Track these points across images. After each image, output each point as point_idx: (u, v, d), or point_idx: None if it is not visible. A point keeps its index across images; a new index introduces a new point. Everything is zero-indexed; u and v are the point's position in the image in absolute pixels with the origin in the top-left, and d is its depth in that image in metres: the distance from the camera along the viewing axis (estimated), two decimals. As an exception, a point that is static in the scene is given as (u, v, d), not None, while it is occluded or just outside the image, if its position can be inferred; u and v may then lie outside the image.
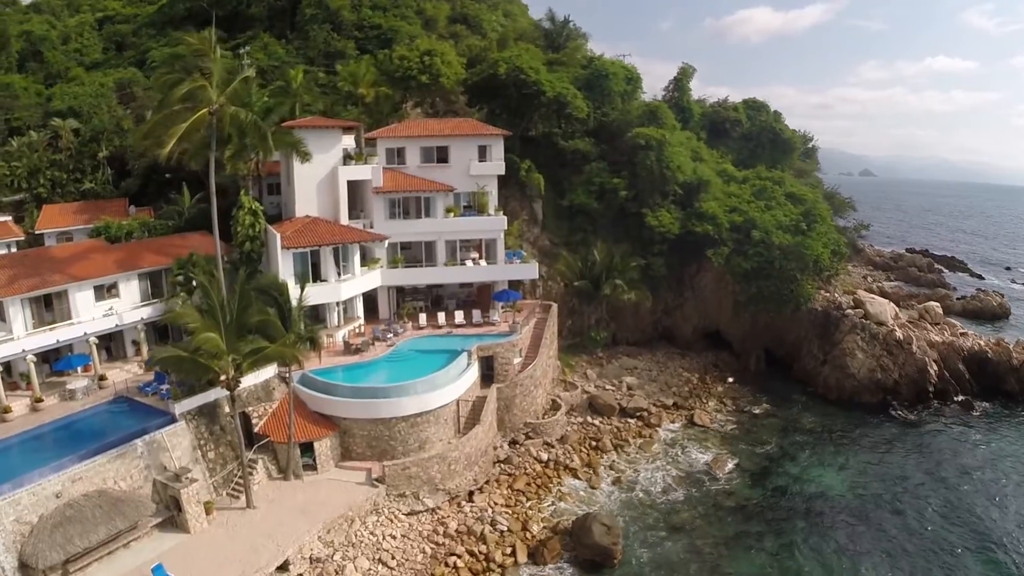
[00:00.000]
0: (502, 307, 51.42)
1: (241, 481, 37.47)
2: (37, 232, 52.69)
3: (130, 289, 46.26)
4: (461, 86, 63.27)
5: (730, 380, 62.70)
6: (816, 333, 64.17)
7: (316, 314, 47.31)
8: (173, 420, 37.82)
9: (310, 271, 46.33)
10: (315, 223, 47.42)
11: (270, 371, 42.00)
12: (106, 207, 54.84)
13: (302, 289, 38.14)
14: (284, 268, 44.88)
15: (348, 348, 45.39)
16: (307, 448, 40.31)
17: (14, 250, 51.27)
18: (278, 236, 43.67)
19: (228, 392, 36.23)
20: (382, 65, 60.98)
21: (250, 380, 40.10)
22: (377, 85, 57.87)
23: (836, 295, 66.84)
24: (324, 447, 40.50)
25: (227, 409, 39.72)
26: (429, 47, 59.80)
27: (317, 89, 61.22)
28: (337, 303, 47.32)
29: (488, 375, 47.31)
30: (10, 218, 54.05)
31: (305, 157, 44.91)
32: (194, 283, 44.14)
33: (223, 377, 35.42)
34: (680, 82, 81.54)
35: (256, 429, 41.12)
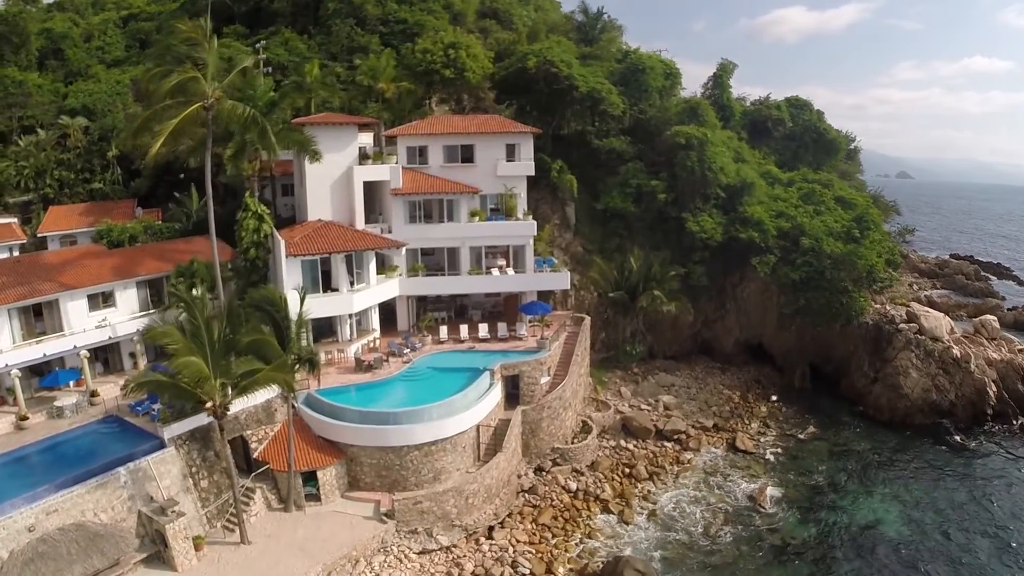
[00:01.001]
0: (530, 320, 45.75)
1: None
2: (40, 235, 48.47)
3: (127, 298, 41.87)
4: (488, 81, 57.83)
5: (773, 399, 56.61)
6: (867, 349, 57.94)
7: (328, 327, 42.23)
8: (162, 445, 33.37)
9: (320, 280, 41.24)
10: (327, 228, 42.36)
11: (271, 391, 36.89)
12: (113, 208, 50.63)
13: (301, 302, 32.87)
14: (291, 277, 39.94)
15: (359, 365, 40.15)
16: (311, 476, 35.41)
17: (16, 253, 47.38)
18: (283, 243, 38.54)
19: (215, 418, 31.18)
20: (404, 59, 55.73)
21: (248, 401, 35.21)
22: (398, 80, 52.60)
23: (888, 308, 60.01)
24: (329, 476, 35.66)
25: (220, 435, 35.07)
26: (454, 39, 54.34)
27: (338, 84, 56.05)
28: (349, 315, 42.02)
29: (513, 394, 41.84)
30: (15, 220, 50.12)
31: (315, 156, 39.99)
32: (194, 292, 39.29)
33: (209, 404, 30.45)
34: (720, 79, 75.18)
35: (255, 455, 36.49)
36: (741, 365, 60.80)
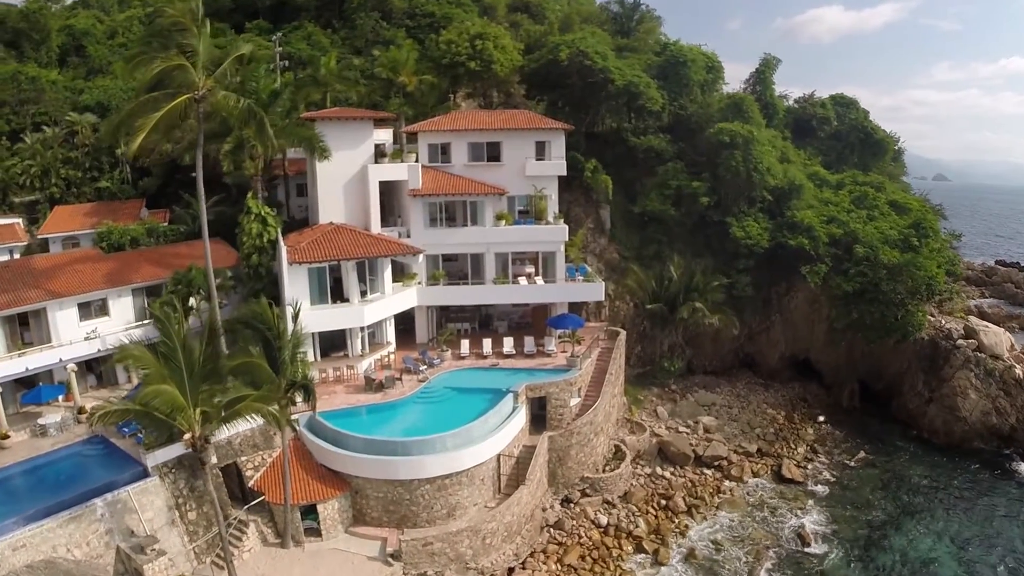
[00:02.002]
0: (559, 335, 40.29)
1: (231, 545, 28.29)
2: (41, 237, 44.38)
3: (122, 307, 37.62)
4: (517, 75, 52.51)
5: (821, 419, 50.65)
6: (921, 366, 51.74)
7: (338, 339, 37.33)
8: (145, 474, 28.98)
9: (329, 290, 36.29)
10: (337, 232, 37.46)
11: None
12: (120, 209, 46.46)
13: (294, 319, 27.81)
14: (296, 287, 35.18)
15: (369, 384, 35.14)
16: (311, 509, 30.63)
17: (17, 256, 43.37)
18: (284, 249, 33.62)
19: (194, 451, 26.35)
20: (428, 51, 50.61)
21: (243, 425, 30.40)
22: (421, 73, 47.40)
23: (944, 321, 53.32)
24: (331, 510, 30.99)
25: (213, 460, 30.43)
26: (481, 30, 49.02)
27: (361, 80, 50.93)
28: (361, 328, 36.99)
29: (539, 416, 36.58)
30: (19, 220, 46.18)
31: (323, 153, 35.08)
32: (191, 302, 34.71)
33: (187, 436, 25.64)
34: (762, 75, 68.66)
35: (250, 483, 31.82)
36: (786, 381, 54.82)
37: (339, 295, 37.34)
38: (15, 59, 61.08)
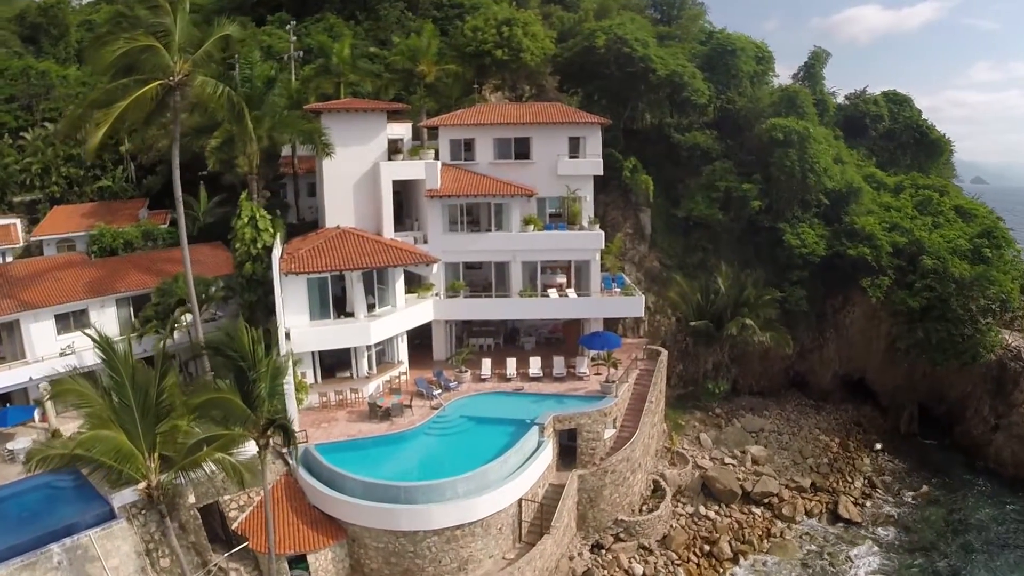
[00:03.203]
0: (593, 356, 34.18)
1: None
2: (35, 239, 39.68)
3: (106, 318, 32.67)
4: (549, 65, 46.33)
5: (878, 447, 44.05)
6: (988, 389, 44.72)
7: (344, 358, 31.78)
8: (111, 515, 24.08)
9: (331, 303, 30.70)
10: (342, 238, 31.93)
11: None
12: (120, 209, 41.63)
13: (268, 347, 22.13)
14: (293, 299, 29.92)
15: (373, 411, 29.47)
16: (301, 558, 25.31)
17: (9, 259, 38.76)
18: (276, 258, 28.05)
19: (152, 502, 21.08)
20: (452, 39, 44.77)
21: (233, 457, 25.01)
22: (444, 63, 41.46)
23: (1013, 340, 46.06)
24: (323, 560, 25.63)
25: (191, 500, 25.38)
26: (509, 15, 42.95)
27: (385, 72, 45.19)
28: (367, 347, 31.33)
29: (569, 447, 30.58)
30: (16, 221, 41.57)
31: (325, 149, 29.53)
32: (180, 317, 29.46)
33: (143, 485, 20.32)
34: (812, 69, 61.52)
35: (234, 526, 26.47)
36: (838, 403, 48.10)
37: (344, 308, 31.81)
38: (33, 55, 57.11)
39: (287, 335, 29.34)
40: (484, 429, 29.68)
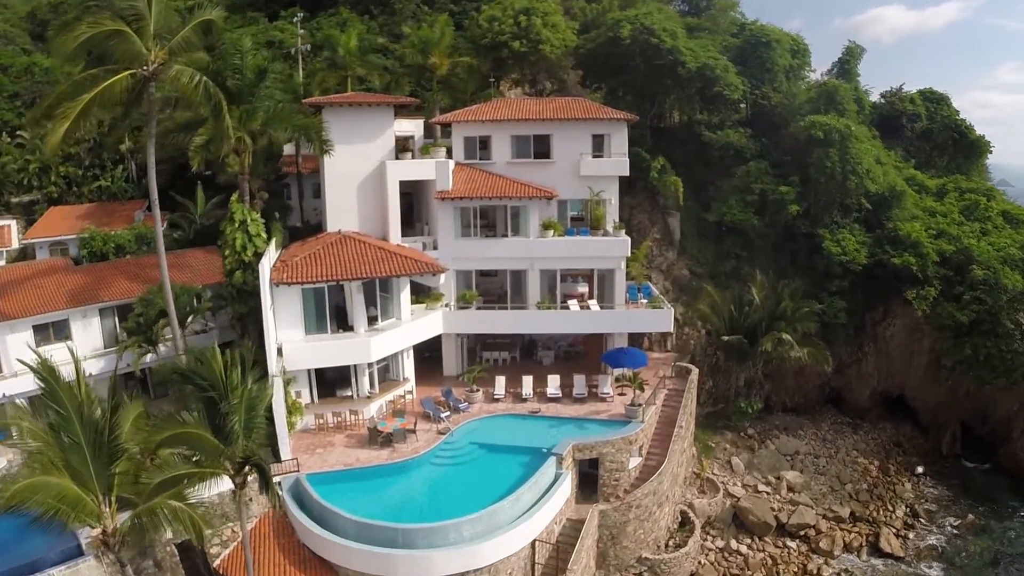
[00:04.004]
0: (617, 376, 30.19)
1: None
2: (27, 241, 36.60)
3: (88, 330, 29.23)
4: (571, 58, 42.26)
5: (919, 470, 39.81)
6: (1033, 409, 40.11)
7: (344, 374, 28.11)
8: (79, 552, 20.95)
9: (329, 316, 27.03)
10: (341, 244, 28.25)
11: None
12: (118, 211, 38.53)
13: (243, 372, 18.45)
14: (286, 312, 26.34)
15: (373, 437, 25.77)
16: (290, 604, 21.63)
17: (1, 263, 35.72)
18: (266, 268, 24.40)
19: (109, 550, 17.64)
20: (468, 31, 40.89)
21: (208, 489, 21.50)
22: (458, 55, 37.58)
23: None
24: (314, 609, 21.60)
25: (167, 535, 21.99)
26: (527, 4, 38.87)
27: (398, 65, 41.43)
28: (369, 364, 27.62)
29: (589, 475, 26.73)
30: (11, 223, 38.73)
31: (323, 147, 25.88)
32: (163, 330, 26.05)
33: (95, 533, 16.90)
34: (846, 65, 56.71)
35: (216, 563, 23.16)
36: (876, 421, 43.68)
37: (344, 323, 28.17)
38: (43, 52, 54.32)
39: (279, 351, 25.81)
40: (496, 458, 25.98)
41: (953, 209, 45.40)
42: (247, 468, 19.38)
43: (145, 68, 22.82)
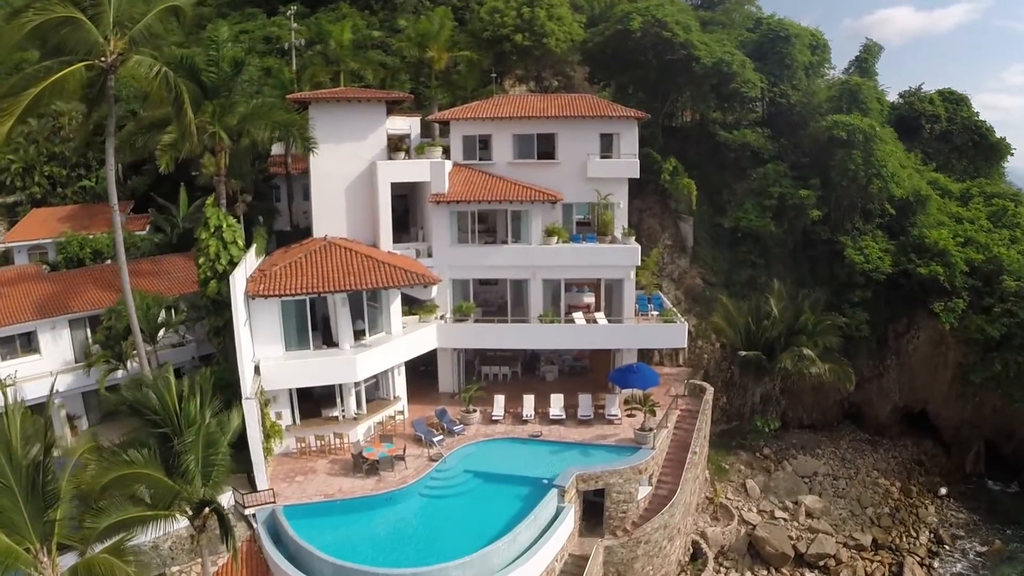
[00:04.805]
0: (626, 397, 27.26)
1: None
2: (5, 245, 34.12)
3: (58, 343, 26.50)
4: (578, 53, 39.22)
5: (943, 492, 36.86)
6: (1060, 427, 37.14)
7: (330, 393, 25.33)
8: None
9: (311, 330, 24.22)
10: (326, 252, 25.44)
11: (221, 501, 20.47)
12: (101, 213, 35.66)
13: (202, 404, 15.75)
14: (264, 327, 23.49)
15: (357, 464, 22.98)
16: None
17: (-22, 268, 33.15)
18: (239, 279, 21.57)
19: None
20: (469, 24, 37.93)
21: (176, 523, 18.90)
22: (458, 50, 34.62)
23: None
24: (287, 659, 18.96)
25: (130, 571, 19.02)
26: (531, -5, 35.87)
27: (396, 62, 38.55)
28: (356, 383, 24.81)
29: (594, 503, 23.94)
30: (-8, 224, 36.06)
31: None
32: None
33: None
34: (864, 63, 53.24)
35: (183, 605, 20.23)
36: (896, 437, 40.57)
37: (328, 338, 25.40)
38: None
39: (256, 369, 23.07)
40: (492, 489, 23.16)
41: (980, 215, 42.12)
42: (206, 511, 16.70)
43: (103, 59, 20.15)
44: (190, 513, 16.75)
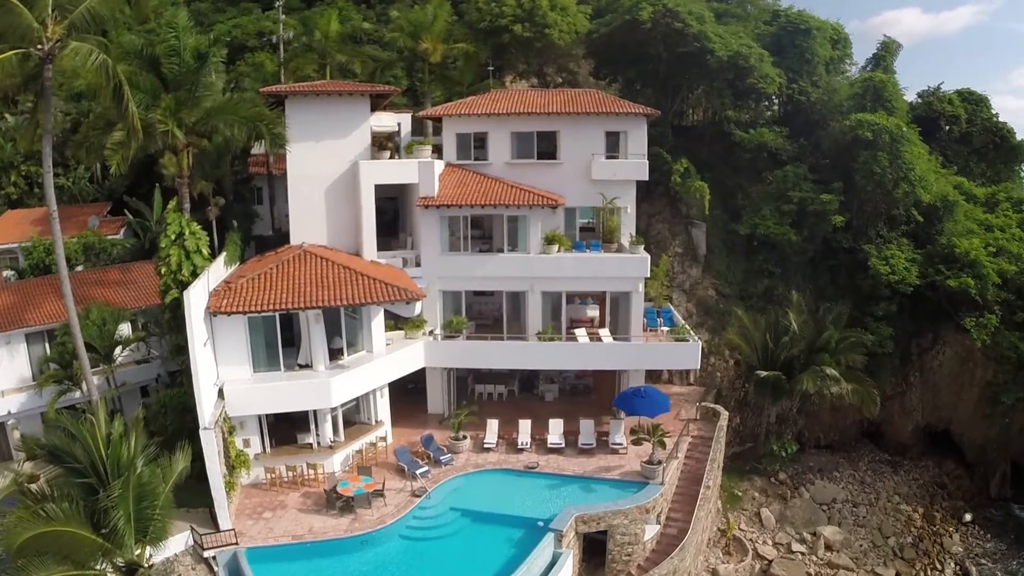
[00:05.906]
0: (632, 428, 24.17)
1: None
2: (-28, 249, 31.44)
3: (14, 359, 23.77)
4: (583, 46, 36.00)
5: (967, 518, 33.66)
6: (1088, 447, 34.01)
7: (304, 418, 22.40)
8: None
9: (280, 349, 21.28)
10: (300, 261, 22.50)
11: (178, 542, 17.69)
12: (76, 215, 33.38)
13: (132, 444, 12.84)
14: (228, 346, 20.46)
15: (331, 501, 20.04)
16: None
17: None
18: (196, 294, 18.59)
19: None
20: (466, 15, 34.82)
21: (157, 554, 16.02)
22: (454, 41, 31.52)
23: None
24: None
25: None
26: (533, -16, 32.70)
27: (392, 56, 35.50)
28: (332, 408, 21.84)
29: (596, 542, 20.86)
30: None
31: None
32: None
33: None
34: (882, 61, 49.68)
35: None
36: (917, 457, 37.27)
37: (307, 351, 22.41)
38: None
39: (220, 393, 20.16)
40: (481, 530, 20.24)
41: (1010, 222, 38.67)
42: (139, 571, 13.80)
43: (40, 47, 17.28)
44: (120, 576, 13.94)
